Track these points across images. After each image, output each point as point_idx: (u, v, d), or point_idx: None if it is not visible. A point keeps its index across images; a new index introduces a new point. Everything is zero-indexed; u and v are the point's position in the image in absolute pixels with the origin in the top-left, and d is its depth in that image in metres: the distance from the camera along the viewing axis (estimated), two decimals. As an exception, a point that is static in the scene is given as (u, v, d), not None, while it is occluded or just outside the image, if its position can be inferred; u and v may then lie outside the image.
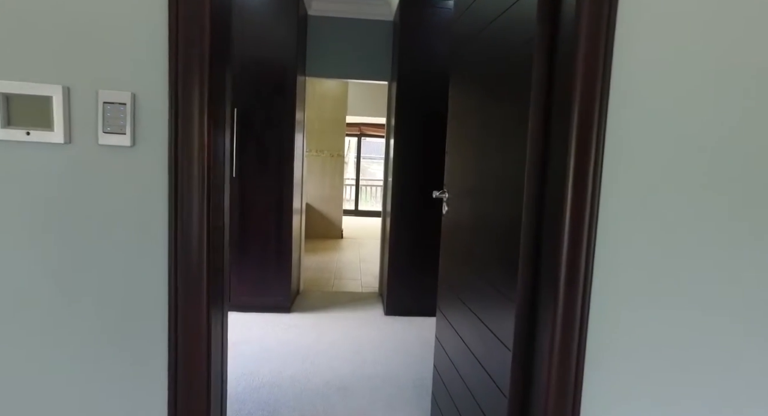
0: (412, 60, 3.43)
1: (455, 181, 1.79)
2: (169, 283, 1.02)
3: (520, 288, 1.13)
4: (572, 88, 0.96)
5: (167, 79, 0.93)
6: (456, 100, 1.88)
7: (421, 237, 3.53)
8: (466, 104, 1.72)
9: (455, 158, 1.82)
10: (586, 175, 0.96)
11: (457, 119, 1.84)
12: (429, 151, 3.48)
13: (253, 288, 3.47)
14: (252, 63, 3.33)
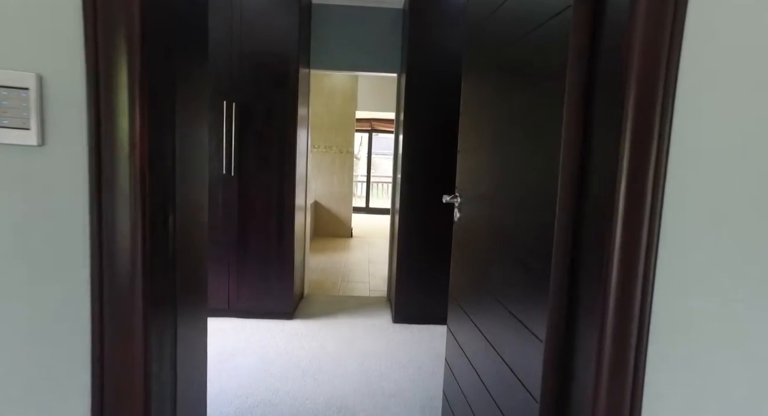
0: (423, 50, 3.19)
1: (469, 184, 1.56)
2: (92, 311, 0.79)
3: (551, 328, 0.90)
4: (626, 65, 0.72)
5: (84, 57, 0.71)
6: (469, 91, 1.64)
7: (432, 239, 3.31)
8: (481, 96, 1.49)
9: (469, 158, 1.59)
10: (643, 181, 0.73)
11: (471, 114, 1.60)
12: (441, 147, 3.25)
13: (253, 294, 3.29)
14: (250, 54, 3.12)
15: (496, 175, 1.30)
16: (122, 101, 0.70)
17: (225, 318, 3.30)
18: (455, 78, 3.24)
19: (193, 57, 1.35)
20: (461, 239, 1.62)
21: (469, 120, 1.62)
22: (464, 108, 1.68)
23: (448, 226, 3.32)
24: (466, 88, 1.68)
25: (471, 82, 1.63)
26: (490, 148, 1.36)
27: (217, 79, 3.12)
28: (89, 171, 0.75)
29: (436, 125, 3.24)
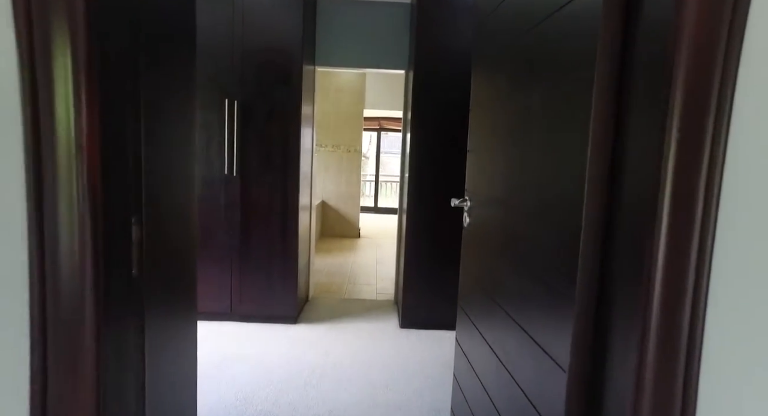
0: (431, 46, 3.06)
1: (480, 187, 1.43)
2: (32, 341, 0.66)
3: (576, 356, 0.78)
4: (673, 50, 0.59)
5: (15, 36, 0.59)
6: (480, 87, 1.52)
7: (441, 241, 3.18)
8: (493, 91, 1.37)
9: (480, 159, 1.47)
10: (693, 185, 0.60)
11: (482, 111, 1.48)
12: (450, 146, 3.12)
13: (256, 297, 3.19)
14: (253, 51, 3.02)
15: (510, 178, 1.17)
16: (63, 92, 0.59)
17: (226, 323, 3.21)
18: (464, 74, 3.11)
19: (171, 38, 1.24)
20: (471, 246, 1.50)
21: (479, 117, 1.50)
22: (474, 105, 1.56)
23: (458, 227, 3.19)
24: (477, 84, 1.55)
25: (481, 77, 1.51)
26: (503, 148, 1.23)
27: (218, 76, 3.02)
28: (26, 179, 0.63)
29: (444, 123, 3.11)
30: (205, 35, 2.99)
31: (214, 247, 3.14)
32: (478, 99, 1.54)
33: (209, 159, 3.07)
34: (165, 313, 1.22)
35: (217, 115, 3.04)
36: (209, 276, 3.16)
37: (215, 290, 3.17)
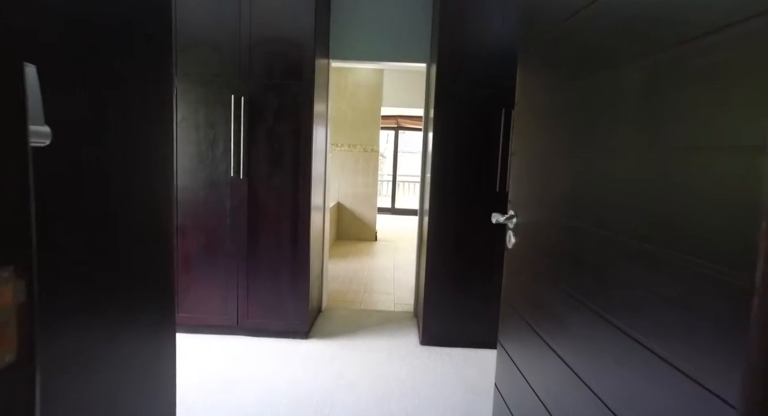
0: (457, 36, 2.77)
1: (531, 199, 1.14)
2: None
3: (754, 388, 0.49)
4: None
5: None
6: (532, 72, 1.22)
7: (467, 250, 2.89)
8: (555, 75, 1.07)
9: (530, 164, 1.18)
10: None
11: (534, 102, 1.19)
12: (478, 145, 2.82)
13: (265, 310, 2.94)
14: (261, 42, 2.77)
15: (584, 188, 0.88)
16: None
17: (233, 337, 2.97)
18: (494, 67, 2.82)
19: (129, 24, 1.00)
20: (516, 276, 1.21)
21: (529, 113, 1.20)
22: (522, 97, 1.26)
23: (486, 235, 2.91)
24: (526, 71, 1.26)
25: (534, 62, 1.22)
26: (569, 147, 0.94)
27: (224, 71, 2.78)
28: None
29: (471, 120, 2.81)
30: (210, 26, 2.75)
31: (219, 255, 2.90)
32: (527, 90, 1.24)
33: (214, 160, 2.84)
34: (126, 328, 0.97)
35: (223, 113, 2.81)
36: (214, 287, 2.92)
37: (220, 302, 2.94)
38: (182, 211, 2.87)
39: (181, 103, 2.80)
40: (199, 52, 2.77)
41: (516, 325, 1.20)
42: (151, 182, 1.09)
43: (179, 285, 2.92)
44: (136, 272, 1.07)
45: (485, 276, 2.90)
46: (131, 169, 1.02)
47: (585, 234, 0.89)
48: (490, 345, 2.96)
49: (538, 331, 1.03)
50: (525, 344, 1.10)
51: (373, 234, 6.79)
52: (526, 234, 1.14)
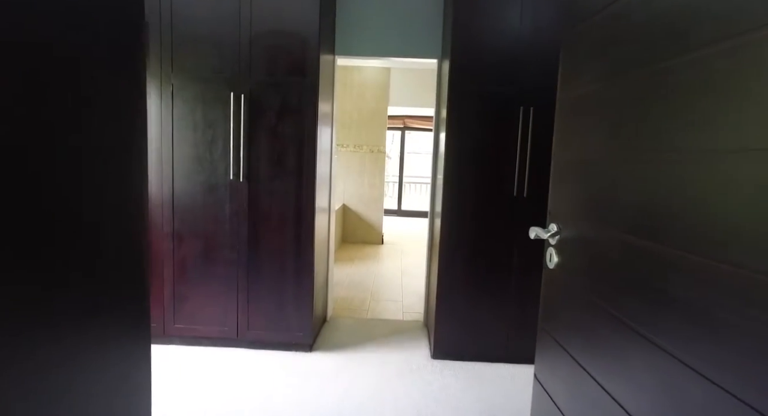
0: (471, 28, 2.58)
1: (581, 211, 0.95)
2: None
3: None
4: None
5: None
6: (580, 52, 1.03)
7: (482, 256, 2.70)
8: (615, 55, 0.88)
9: (578, 167, 0.99)
10: None
11: (585, 89, 1.00)
12: (493, 146, 2.63)
13: (266, 321, 2.77)
14: (262, 36, 2.60)
15: (656, 197, 0.70)
16: None
17: (232, 350, 2.79)
18: (512, 61, 2.62)
19: None
20: (560, 302, 1.02)
21: (580, 109, 1.01)
22: (567, 89, 1.07)
23: (505, 240, 2.70)
24: (572, 58, 1.07)
25: (585, 48, 1.02)
26: (662, 156, 0.75)
27: (223, 67, 2.61)
28: None
29: (487, 119, 2.62)
30: (207, 19, 2.58)
31: (217, 263, 2.73)
32: (574, 78, 1.04)
33: (212, 161, 2.66)
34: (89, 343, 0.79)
35: (222, 111, 2.63)
36: (212, 297, 2.75)
37: (219, 313, 2.76)
38: (179, 216, 2.70)
39: (177, 101, 2.63)
40: (196, 47, 2.60)
41: (557, 359, 1.02)
42: (120, 179, 0.92)
43: (175, 294, 2.75)
44: (101, 279, 0.90)
45: (502, 286, 2.71)
46: (93, 166, 0.85)
47: (663, 258, 0.70)
48: (506, 359, 2.77)
49: (589, 370, 0.85)
50: (570, 383, 0.92)
51: (379, 237, 6.61)
52: (574, 253, 0.95)
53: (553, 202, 1.08)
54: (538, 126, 2.59)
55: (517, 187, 2.63)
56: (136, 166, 0.99)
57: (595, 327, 0.86)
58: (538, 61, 2.56)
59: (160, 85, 2.61)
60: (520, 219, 2.66)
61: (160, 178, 2.67)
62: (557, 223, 1.03)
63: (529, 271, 2.68)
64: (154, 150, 2.65)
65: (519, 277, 2.69)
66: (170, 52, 2.59)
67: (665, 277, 0.70)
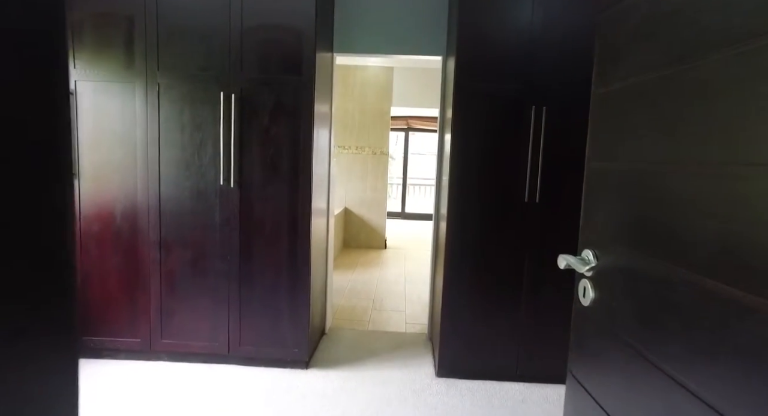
0: (479, 23, 2.39)
1: (629, 236, 0.76)
2: None
3: None
4: None
5: None
6: (626, 33, 0.83)
7: (489, 268, 2.51)
8: (675, 37, 0.69)
9: (624, 178, 0.79)
10: None
11: (635, 79, 0.80)
12: (502, 148, 2.44)
13: (259, 336, 2.59)
14: (254, 30, 2.42)
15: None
16: None
17: (223, 367, 2.61)
18: (523, 58, 2.41)
19: None
20: (595, 340, 0.83)
21: (628, 104, 0.81)
22: (606, 81, 0.87)
23: (515, 249, 2.50)
24: (614, 40, 0.87)
25: (633, 27, 0.83)
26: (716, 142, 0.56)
27: (212, 63, 2.43)
28: None
29: (495, 119, 2.43)
30: (195, 11, 2.41)
31: (207, 274, 2.55)
32: (617, 70, 0.85)
33: (201, 166, 2.49)
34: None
35: (211, 112, 2.46)
36: (202, 310, 2.57)
37: (209, 327, 2.58)
38: (165, 224, 2.52)
39: (163, 102, 2.46)
40: (183, 42, 2.42)
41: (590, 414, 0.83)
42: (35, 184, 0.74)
43: (162, 307, 2.57)
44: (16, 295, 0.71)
45: (512, 299, 2.51)
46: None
47: (754, 309, 0.52)
48: (517, 377, 2.58)
49: None
50: None
51: (382, 241, 6.42)
52: (617, 289, 0.76)
53: (588, 221, 0.88)
54: (551, 126, 2.39)
55: (528, 193, 2.43)
56: (57, 168, 0.81)
57: (643, 389, 0.67)
58: (551, 57, 2.37)
59: (146, 84, 2.44)
60: (532, 227, 2.46)
61: (146, 183, 2.50)
62: (594, 250, 0.84)
63: (542, 283, 2.48)
64: (139, 154, 2.48)
65: (531, 289, 2.50)
66: (156, 48, 2.42)
67: (757, 334, 0.51)
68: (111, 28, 2.41)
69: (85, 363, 2.58)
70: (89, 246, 2.53)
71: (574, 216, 2.47)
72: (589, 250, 0.85)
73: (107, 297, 2.57)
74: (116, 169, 2.49)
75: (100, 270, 2.55)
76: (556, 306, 2.49)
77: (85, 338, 2.59)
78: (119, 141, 2.47)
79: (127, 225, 2.52)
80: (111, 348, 2.62)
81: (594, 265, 0.82)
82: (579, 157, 2.45)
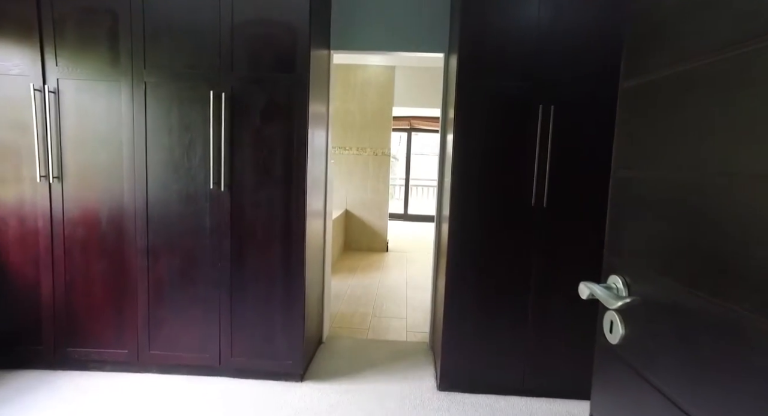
0: (482, 18, 2.26)
1: (664, 261, 0.62)
2: None
3: None
4: None
5: None
6: (668, 16, 0.70)
7: (494, 274, 2.37)
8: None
9: (656, 190, 0.65)
10: None
11: (670, 70, 0.67)
12: (508, 149, 2.30)
13: (252, 347, 2.46)
14: (244, 24, 2.29)
15: None
16: None
17: (214, 379, 2.49)
18: (529, 54, 2.26)
19: None
20: (624, 386, 0.69)
21: (668, 99, 0.67)
22: (639, 72, 0.73)
23: (520, 255, 2.35)
24: (652, 24, 0.73)
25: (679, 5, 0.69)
26: None
27: (200, 61, 2.31)
28: None
29: (500, 118, 2.30)
30: (182, 6, 2.28)
31: (197, 282, 2.43)
32: (655, 57, 0.70)
33: (191, 168, 2.36)
34: None
35: (201, 112, 2.33)
36: (192, 320, 2.45)
37: (199, 338, 2.46)
38: (153, 230, 2.40)
39: (150, 101, 2.34)
40: (170, 39, 2.30)
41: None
42: None
43: (150, 317, 2.45)
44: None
45: (518, 307, 2.38)
46: None
47: None
48: (523, 392, 2.44)
49: None
50: None
51: (384, 244, 6.29)
52: (655, 328, 0.62)
53: (614, 240, 0.74)
54: (560, 126, 2.25)
55: (535, 196, 2.30)
56: None
57: None
58: (559, 53, 2.23)
59: (132, 83, 2.32)
60: (539, 233, 2.32)
61: (133, 187, 2.37)
62: (623, 277, 0.70)
63: (549, 292, 2.35)
64: (125, 155, 2.36)
65: (537, 298, 2.36)
66: (142, 44, 2.30)
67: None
68: (94, 23, 2.29)
69: (70, 376, 2.46)
70: (73, 251, 2.41)
71: (585, 222, 2.34)
72: (618, 277, 0.71)
73: (92, 305, 2.45)
74: (101, 171, 2.37)
75: (84, 277, 2.43)
76: (565, 316, 2.35)
77: (69, 349, 2.47)
78: (104, 142, 2.35)
79: (112, 229, 2.40)
80: (96, 360, 2.50)
81: (627, 300, 0.66)
82: (590, 159, 2.32)
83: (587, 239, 2.31)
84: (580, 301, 2.47)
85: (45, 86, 2.30)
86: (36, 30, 2.27)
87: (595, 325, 2.38)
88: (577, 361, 2.38)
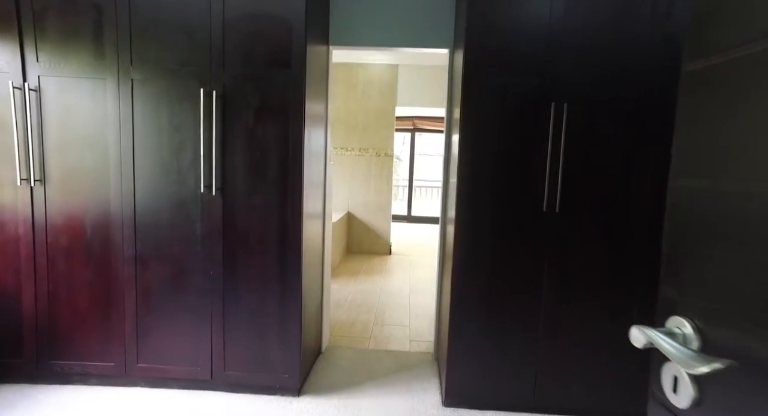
0: (490, 11, 2.11)
1: (753, 305, 0.46)
2: None
3: None
4: None
5: None
6: None
7: (503, 283, 2.22)
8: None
9: (739, 208, 0.50)
10: None
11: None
12: (517, 150, 2.15)
13: (245, 360, 2.32)
14: (237, 18, 2.16)
15: None
16: None
17: (206, 394, 2.35)
18: (540, 49, 2.09)
19: None
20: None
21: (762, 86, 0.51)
22: (712, 51, 0.57)
23: (531, 262, 2.20)
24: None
25: None
26: None
27: (191, 58, 2.17)
28: None
29: (508, 117, 2.15)
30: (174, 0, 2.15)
31: (188, 292, 2.29)
32: (735, 31, 0.54)
33: (180, 171, 2.23)
34: None
35: (191, 111, 2.20)
36: (182, 331, 2.31)
37: (190, 350, 2.32)
38: (141, 237, 2.27)
39: (138, 100, 2.20)
40: (158, 33, 2.16)
41: None
42: None
43: (138, 328, 2.31)
44: None
45: (528, 320, 2.23)
46: None
47: None
48: (534, 408, 2.29)
49: None
50: None
51: (386, 247, 6.14)
52: (740, 392, 0.47)
53: (674, 270, 0.58)
54: (574, 126, 2.10)
55: (547, 201, 2.15)
56: None
57: None
58: (574, 48, 2.08)
59: (118, 81, 2.19)
60: (552, 240, 2.17)
61: (120, 190, 2.24)
62: (692, 320, 0.54)
63: (562, 302, 2.20)
64: (112, 157, 2.23)
65: (549, 310, 2.21)
66: (128, 39, 2.16)
67: None
68: (77, 16, 2.15)
69: (52, 389, 2.33)
70: (56, 259, 2.28)
71: (601, 230, 2.18)
72: (684, 320, 0.54)
73: (77, 316, 2.32)
74: (86, 174, 2.24)
75: (68, 286, 2.30)
76: (579, 327, 2.20)
77: (51, 361, 2.34)
78: (89, 143, 2.22)
79: (98, 235, 2.27)
80: (81, 373, 2.37)
81: (718, 365, 0.49)
82: (608, 162, 2.16)
83: (603, 248, 2.16)
84: (593, 311, 2.33)
85: (25, 84, 2.17)
86: (15, 23, 2.13)
87: (613, 339, 2.18)
88: (592, 376, 2.22)
